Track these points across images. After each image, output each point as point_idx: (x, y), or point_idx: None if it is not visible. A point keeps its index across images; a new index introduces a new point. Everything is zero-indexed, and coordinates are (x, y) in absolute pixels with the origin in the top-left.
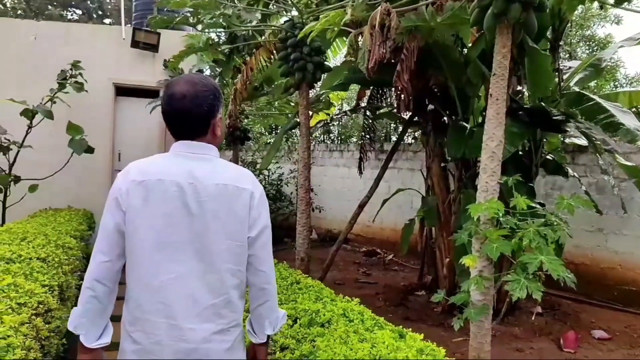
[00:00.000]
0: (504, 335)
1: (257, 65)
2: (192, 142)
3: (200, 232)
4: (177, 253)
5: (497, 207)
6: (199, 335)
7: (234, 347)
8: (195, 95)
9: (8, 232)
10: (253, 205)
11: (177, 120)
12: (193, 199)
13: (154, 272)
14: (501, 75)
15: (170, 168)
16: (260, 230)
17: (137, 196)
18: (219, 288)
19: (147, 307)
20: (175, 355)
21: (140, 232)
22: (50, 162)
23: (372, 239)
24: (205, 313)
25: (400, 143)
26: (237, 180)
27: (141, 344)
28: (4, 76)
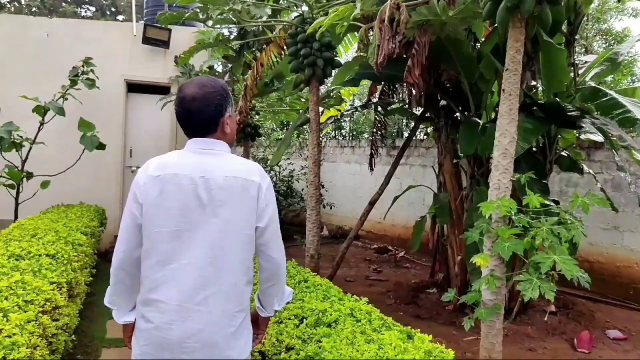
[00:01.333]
0: (516, 335)
1: (267, 61)
2: (204, 139)
3: (211, 222)
4: (190, 241)
5: (509, 205)
6: (205, 317)
7: (238, 331)
8: (204, 97)
9: (19, 228)
10: (261, 196)
11: (188, 120)
12: (204, 191)
13: (168, 258)
14: (514, 70)
15: (184, 163)
16: (269, 219)
17: (154, 189)
18: (228, 274)
19: (160, 290)
20: (183, 335)
21: (157, 222)
22: (62, 158)
23: (383, 236)
24: (213, 297)
25: (411, 139)
26: (246, 173)
27: (153, 323)
28: (17, 73)
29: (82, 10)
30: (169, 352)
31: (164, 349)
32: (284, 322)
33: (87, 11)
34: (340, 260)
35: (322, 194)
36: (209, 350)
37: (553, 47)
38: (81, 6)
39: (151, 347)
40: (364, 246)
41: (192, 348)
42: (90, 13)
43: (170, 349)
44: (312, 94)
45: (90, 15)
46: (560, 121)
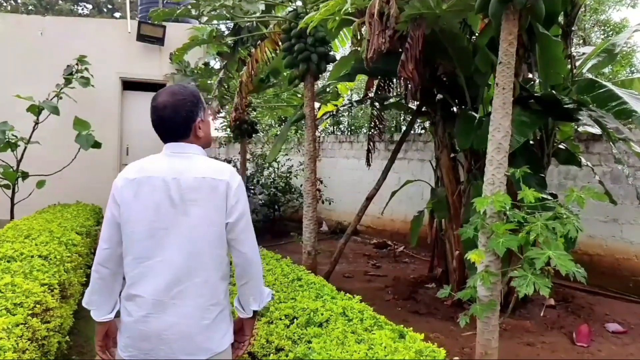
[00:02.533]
0: (514, 329)
1: (262, 57)
2: (177, 144)
3: (182, 220)
4: (163, 239)
5: (504, 201)
6: (180, 311)
7: (214, 324)
8: (174, 104)
9: (14, 229)
10: (230, 194)
11: (161, 126)
12: (176, 192)
13: (144, 256)
14: (507, 64)
15: (158, 166)
16: (238, 216)
17: (130, 191)
18: (200, 269)
19: (138, 285)
20: (160, 327)
21: (133, 222)
22: (58, 157)
23: (382, 231)
24: (187, 292)
25: (408, 134)
26: (214, 173)
27: (133, 316)
28: (10, 72)
29: (78, 7)
30: (148, 343)
31: (144, 341)
32: (274, 322)
33: (83, 9)
34: (338, 257)
35: (321, 190)
36: (186, 342)
37: (549, 39)
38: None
39: (132, 339)
40: (363, 241)
41: (169, 340)
42: (87, 10)
43: (149, 341)
44: (307, 89)
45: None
46: (556, 114)
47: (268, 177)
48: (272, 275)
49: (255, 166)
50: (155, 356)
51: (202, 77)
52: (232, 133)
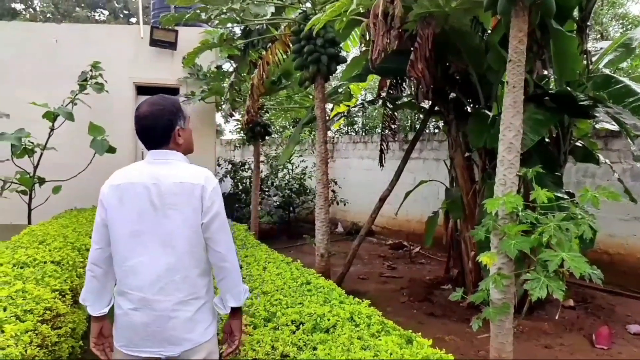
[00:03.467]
0: (531, 331)
1: (273, 59)
2: (158, 151)
3: (162, 223)
4: (145, 240)
5: (515, 202)
6: (162, 305)
7: (196, 317)
8: (154, 114)
9: (29, 235)
10: (205, 196)
11: (142, 135)
12: (156, 196)
13: (128, 256)
14: (517, 62)
15: (140, 173)
16: (212, 216)
17: (114, 197)
18: (178, 267)
19: (125, 283)
20: (146, 320)
21: (117, 225)
22: (74, 163)
23: (398, 232)
24: (167, 287)
25: (421, 134)
26: (191, 178)
27: (123, 310)
28: (26, 79)
29: (95, 14)
30: (136, 335)
31: (132, 333)
32: (280, 328)
33: (100, 15)
34: (352, 258)
35: (335, 191)
36: (170, 333)
37: (563, 34)
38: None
39: (122, 330)
40: (378, 242)
41: (154, 331)
42: (104, 17)
43: (137, 333)
44: (317, 91)
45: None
46: (572, 111)
47: (282, 178)
48: (281, 279)
49: (269, 168)
50: (143, 348)
51: (214, 81)
52: (245, 135)
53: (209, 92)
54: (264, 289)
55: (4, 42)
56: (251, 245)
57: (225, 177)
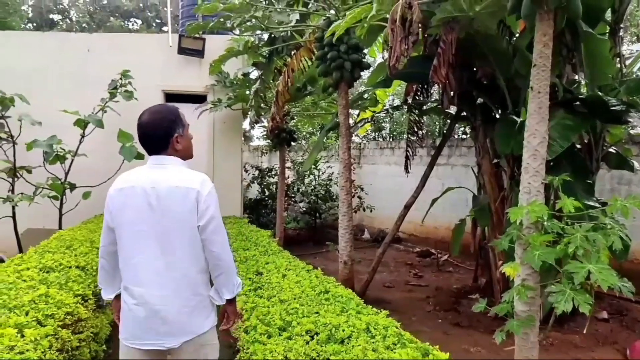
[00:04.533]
0: (561, 344)
1: (297, 66)
2: (158, 156)
3: (160, 223)
4: (145, 240)
5: (540, 211)
6: (163, 300)
7: (195, 311)
8: (154, 122)
9: (58, 239)
10: (200, 200)
11: (143, 140)
12: (154, 199)
13: (131, 255)
14: (542, 66)
15: (140, 177)
16: (207, 219)
17: (118, 200)
18: (177, 265)
19: (128, 279)
20: (148, 314)
21: (122, 226)
22: (103, 169)
23: (425, 239)
24: (166, 284)
25: (447, 140)
26: (187, 182)
27: (127, 304)
28: (59, 88)
29: (128, 23)
30: (138, 327)
31: (135, 325)
32: (294, 338)
33: (134, 24)
34: (376, 266)
35: (362, 197)
36: (170, 326)
37: (594, 37)
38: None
39: (126, 323)
40: (405, 249)
41: (156, 324)
42: (137, 26)
43: (139, 325)
44: (340, 97)
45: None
46: (604, 116)
47: (309, 184)
48: (300, 287)
49: (295, 174)
50: (144, 340)
51: (240, 88)
52: (271, 142)
53: (235, 99)
54: (282, 297)
55: (39, 52)
56: (273, 252)
57: (252, 183)
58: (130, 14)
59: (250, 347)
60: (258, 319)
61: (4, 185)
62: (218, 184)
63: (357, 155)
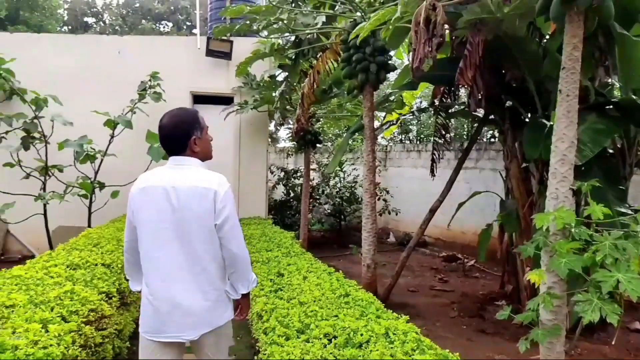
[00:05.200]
0: (590, 354)
1: (323, 67)
2: (177, 157)
3: (180, 221)
4: (166, 237)
5: (567, 217)
6: (182, 294)
7: (214, 305)
8: (173, 125)
9: (86, 237)
10: (217, 200)
11: (163, 142)
12: (174, 197)
13: (151, 251)
14: (572, 69)
15: (161, 177)
16: (224, 218)
17: (140, 198)
18: (196, 260)
19: (149, 274)
20: (168, 307)
21: (143, 223)
22: (131, 169)
23: (452, 243)
24: (187, 278)
25: (474, 143)
26: (205, 183)
27: (148, 298)
28: (90, 89)
29: (160, 26)
30: (158, 321)
31: (155, 318)
32: (311, 341)
33: (165, 27)
34: (400, 270)
35: (387, 200)
36: (190, 318)
37: (629, 39)
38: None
39: (146, 317)
40: (431, 254)
41: (177, 317)
42: (168, 28)
43: (160, 318)
44: (365, 99)
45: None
46: (638, 120)
47: (334, 187)
48: (320, 290)
49: (321, 176)
50: (164, 332)
51: (267, 90)
52: (296, 143)
53: (261, 102)
54: (302, 299)
55: (72, 54)
56: (295, 254)
57: (278, 185)
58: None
59: (267, 348)
60: (277, 320)
61: (36, 183)
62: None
63: (383, 158)
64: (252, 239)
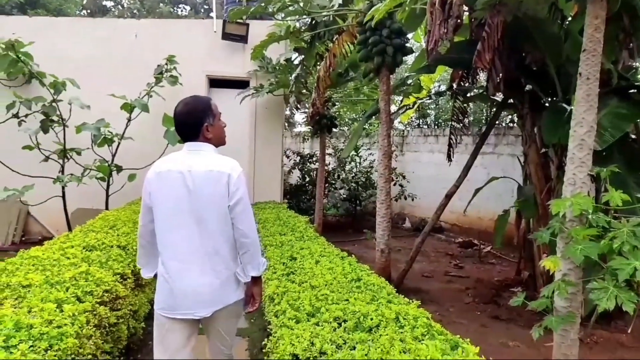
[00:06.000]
0: (606, 342)
1: (340, 50)
2: (193, 143)
3: (196, 204)
4: (182, 218)
5: (584, 204)
6: (196, 274)
7: (225, 284)
8: (187, 112)
9: (102, 220)
10: (231, 183)
11: (178, 129)
12: (190, 181)
13: (167, 231)
14: (593, 51)
15: (177, 161)
16: (236, 200)
17: (156, 182)
18: (210, 242)
19: (166, 254)
20: (182, 285)
21: (160, 206)
22: (148, 152)
23: (468, 229)
24: (202, 258)
25: (492, 128)
26: (219, 167)
27: (164, 277)
28: (107, 73)
29: (177, 9)
30: (173, 299)
31: (170, 296)
32: (321, 324)
33: (182, 10)
34: (414, 255)
35: (404, 185)
36: (203, 297)
37: None
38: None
39: (162, 295)
40: (447, 240)
41: (191, 295)
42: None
43: (175, 296)
44: (382, 83)
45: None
46: None
47: (349, 171)
48: (332, 274)
49: (336, 161)
50: (178, 309)
51: (283, 73)
52: (312, 128)
53: (277, 85)
54: (313, 282)
55: (89, 38)
56: (308, 238)
57: (294, 169)
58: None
59: (278, 331)
60: (288, 303)
61: (55, 166)
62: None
63: (400, 143)
64: (266, 222)
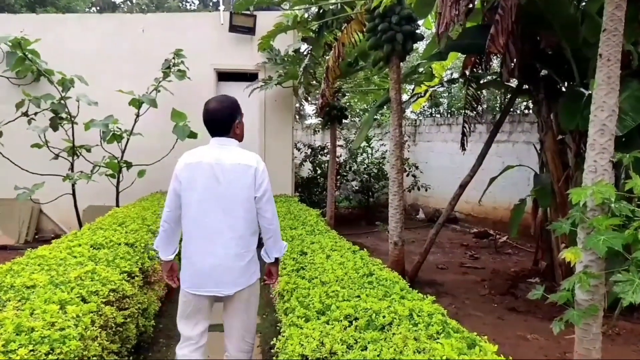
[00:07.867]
0: (630, 334)
1: (348, 39)
2: (221, 138)
3: (223, 194)
4: (210, 206)
5: (606, 192)
6: (221, 256)
7: (247, 266)
8: (219, 109)
9: (111, 217)
10: (257, 175)
11: (209, 125)
12: (219, 172)
13: (197, 218)
14: (613, 31)
15: (206, 154)
16: (263, 191)
17: (186, 172)
18: (236, 228)
19: (194, 234)
20: (207, 266)
21: (189, 193)
22: (157, 148)
23: (484, 219)
24: (227, 242)
25: (506, 115)
26: (246, 160)
27: (191, 258)
28: (115, 68)
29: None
30: (199, 278)
31: (196, 276)
32: (331, 322)
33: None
34: (429, 247)
35: (417, 176)
36: (226, 277)
37: None
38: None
39: (188, 273)
40: (462, 230)
41: (215, 274)
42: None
43: (200, 276)
44: (392, 71)
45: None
46: None
47: (361, 163)
48: (343, 269)
49: (348, 152)
50: (205, 287)
51: (291, 65)
52: (322, 119)
53: (286, 77)
54: (324, 278)
55: (97, 34)
56: (319, 232)
57: (305, 162)
58: None
59: (287, 330)
60: (297, 300)
61: (64, 164)
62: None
63: (412, 133)
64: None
